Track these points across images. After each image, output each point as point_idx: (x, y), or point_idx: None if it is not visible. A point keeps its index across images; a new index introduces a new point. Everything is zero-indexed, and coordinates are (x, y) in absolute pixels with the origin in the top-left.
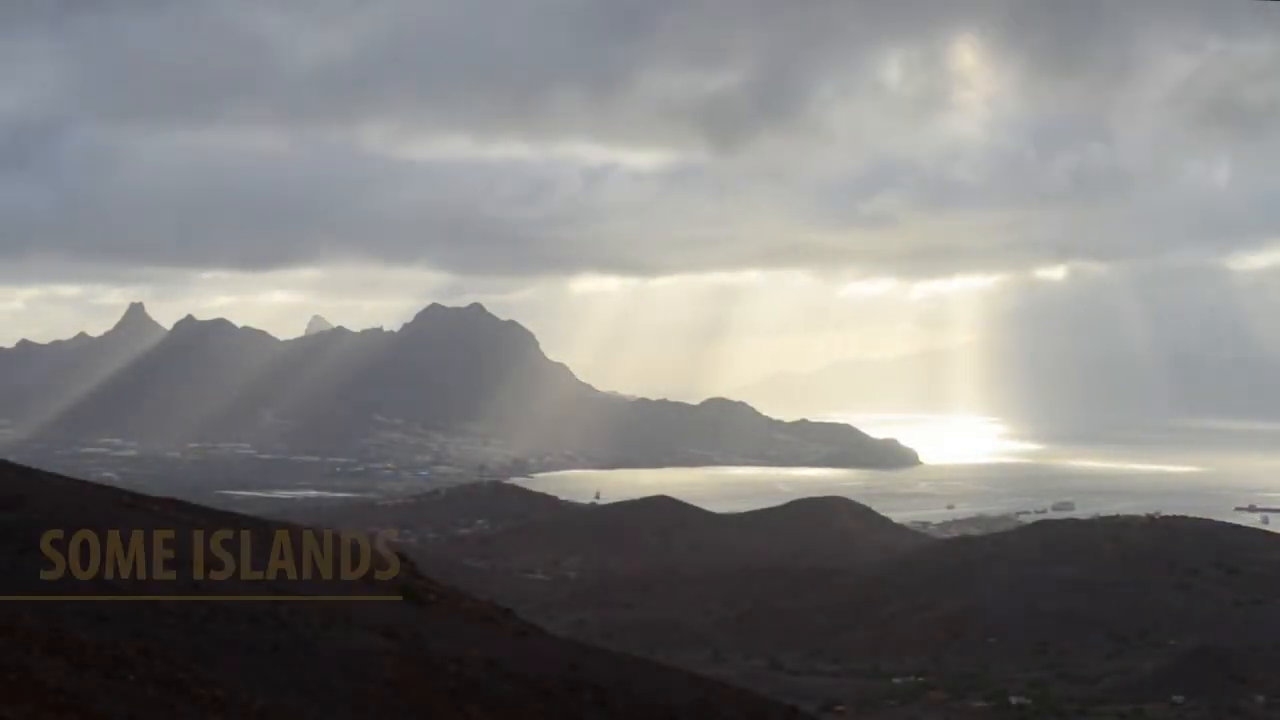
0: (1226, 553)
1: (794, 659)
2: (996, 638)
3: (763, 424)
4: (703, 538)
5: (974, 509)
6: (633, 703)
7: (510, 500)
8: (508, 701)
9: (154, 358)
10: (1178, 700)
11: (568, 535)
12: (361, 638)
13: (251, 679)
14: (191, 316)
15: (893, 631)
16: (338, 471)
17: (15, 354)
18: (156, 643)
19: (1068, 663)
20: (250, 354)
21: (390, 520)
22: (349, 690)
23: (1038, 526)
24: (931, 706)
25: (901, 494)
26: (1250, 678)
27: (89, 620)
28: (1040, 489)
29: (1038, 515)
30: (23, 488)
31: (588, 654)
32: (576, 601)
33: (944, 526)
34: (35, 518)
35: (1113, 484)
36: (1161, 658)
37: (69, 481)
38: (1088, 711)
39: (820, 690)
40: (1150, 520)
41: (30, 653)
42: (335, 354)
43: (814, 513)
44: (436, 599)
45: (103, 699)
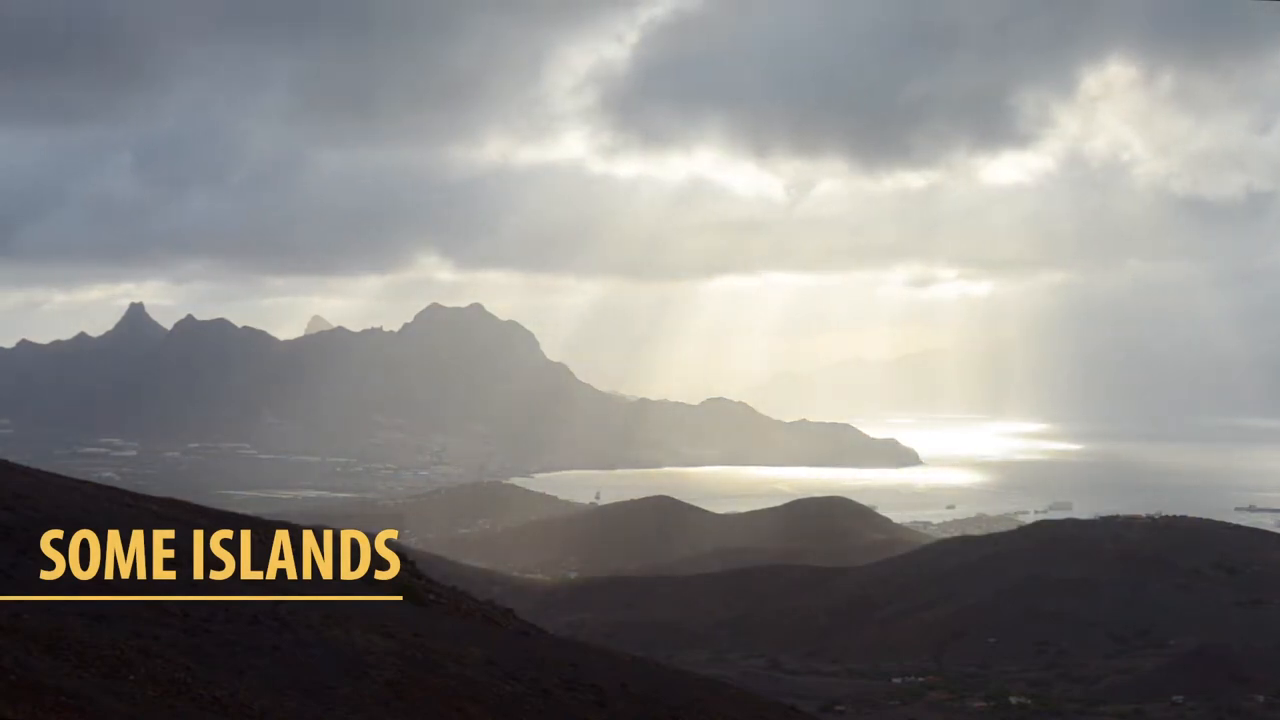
0: (1226, 553)
1: (794, 659)
2: (996, 638)
3: (763, 424)
4: (703, 538)
5: (974, 509)
6: (633, 703)
7: (510, 500)
8: (508, 701)
9: (154, 358)
10: (1178, 700)
11: (568, 535)
12: (361, 638)
13: (251, 679)
14: (192, 316)
15: (893, 631)
16: (338, 471)
17: (15, 354)
18: (156, 643)
19: (1068, 663)
20: (250, 354)
21: (390, 520)
22: (349, 690)
23: (1037, 526)
24: (931, 706)
25: (902, 494)
26: (1250, 678)
27: (89, 620)
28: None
29: (1037, 515)
30: (23, 488)
31: (588, 654)
32: (576, 601)
33: (944, 526)
34: (35, 518)
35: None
36: (1161, 658)
37: (69, 481)
38: (1088, 711)
39: (820, 690)
40: (1150, 520)
41: (30, 653)
42: (335, 354)
43: (814, 513)
44: (436, 599)
45: (103, 699)
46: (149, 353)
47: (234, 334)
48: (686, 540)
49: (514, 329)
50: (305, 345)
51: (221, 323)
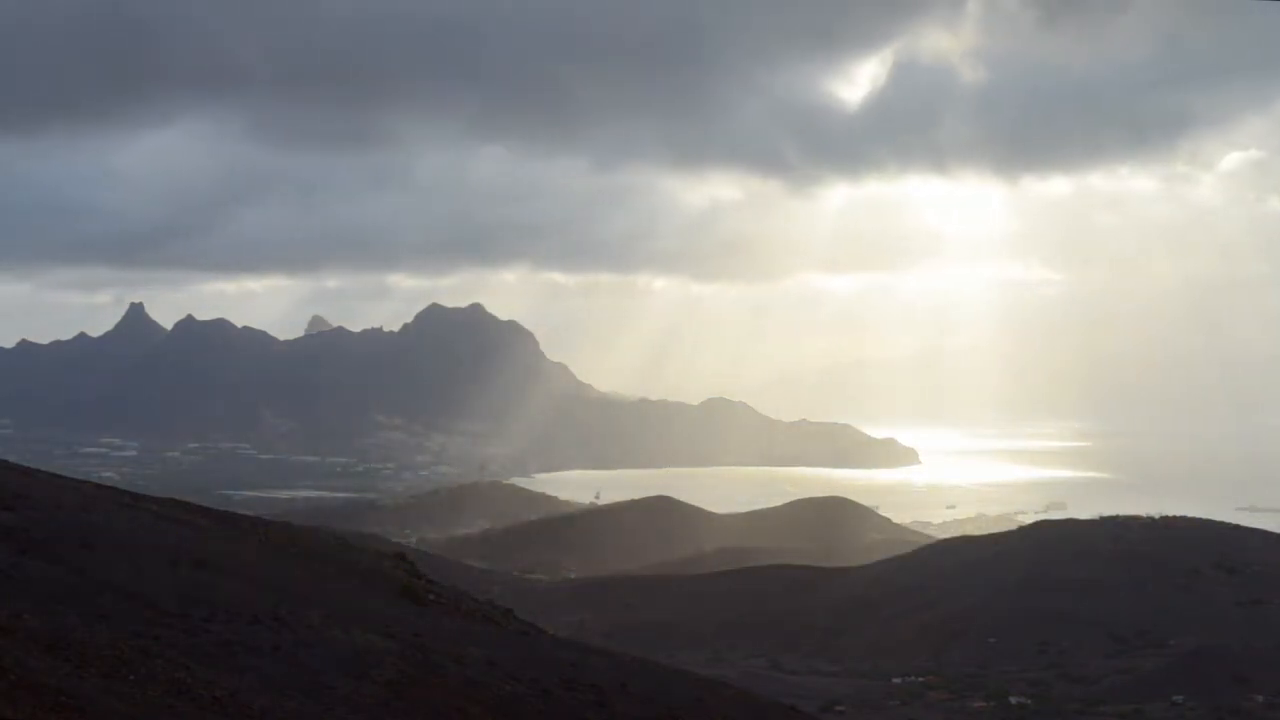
0: (1226, 553)
1: (794, 659)
2: (996, 638)
3: (764, 424)
4: (703, 538)
5: (974, 509)
6: (633, 703)
7: (510, 500)
8: (508, 701)
9: (154, 358)
10: (1178, 700)
11: (568, 535)
12: (361, 638)
13: (251, 679)
14: (192, 316)
15: (893, 631)
16: (338, 471)
17: (15, 354)
18: (156, 643)
19: (1068, 663)
20: (250, 354)
21: (390, 520)
22: (349, 690)
23: (1037, 527)
24: (931, 706)
25: (902, 494)
26: (1250, 678)
27: (89, 620)
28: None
29: (1036, 515)
30: (23, 488)
31: (588, 654)
32: (576, 601)
33: (944, 526)
34: (35, 518)
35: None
36: (1161, 658)
37: (69, 481)
38: (1088, 711)
39: (820, 690)
40: (1150, 520)
41: (30, 653)
42: (335, 354)
43: (814, 513)
44: (436, 599)
45: (103, 699)
46: (149, 353)
47: (234, 334)
48: (686, 540)
49: (514, 329)
50: (305, 345)
51: (222, 323)
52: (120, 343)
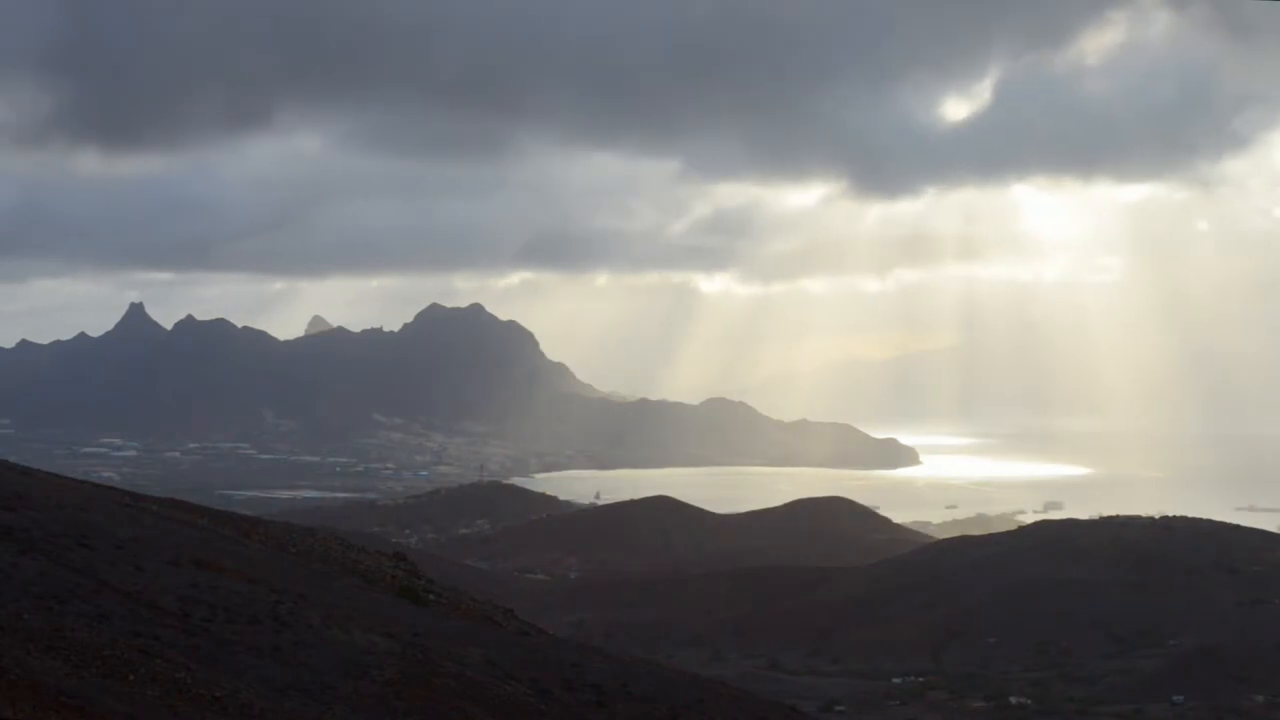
0: (1226, 553)
1: (794, 659)
2: (996, 638)
3: (765, 424)
4: (703, 538)
5: (974, 509)
6: (633, 703)
7: (510, 500)
8: (508, 701)
9: (154, 358)
10: (1178, 700)
11: (568, 535)
12: (361, 638)
13: (251, 679)
14: (191, 316)
15: (893, 631)
16: (338, 471)
17: (15, 354)
18: (156, 643)
19: (1068, 663)
20: (250, 354)
21: (390, 520)
22: (349, 690)
23: (1037, 526)
24: (931, 706)
25: (902, 494)
26: (1250, 678)
27: (89, 620)
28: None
29: (1036, 515)
30: (23, 488)
31: (588, 654)
32: (576, 601)
33: (944, 526)
34: (35, 517)
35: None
36: (1161, 658)
37: (69, 481)
38: (1088, 711)
39: (820, 690)
40: (1150, 520)
41: (30, 653)
42: (335, 354)
43: (814, 513)
44: (436, 599)
45: (103, 699)
46: (149, 353)
47: (234, 334)
48: (686, 540)
49: (514, 329)
50: (305, 345)
51: (221, 323)
52: (120, 343)
